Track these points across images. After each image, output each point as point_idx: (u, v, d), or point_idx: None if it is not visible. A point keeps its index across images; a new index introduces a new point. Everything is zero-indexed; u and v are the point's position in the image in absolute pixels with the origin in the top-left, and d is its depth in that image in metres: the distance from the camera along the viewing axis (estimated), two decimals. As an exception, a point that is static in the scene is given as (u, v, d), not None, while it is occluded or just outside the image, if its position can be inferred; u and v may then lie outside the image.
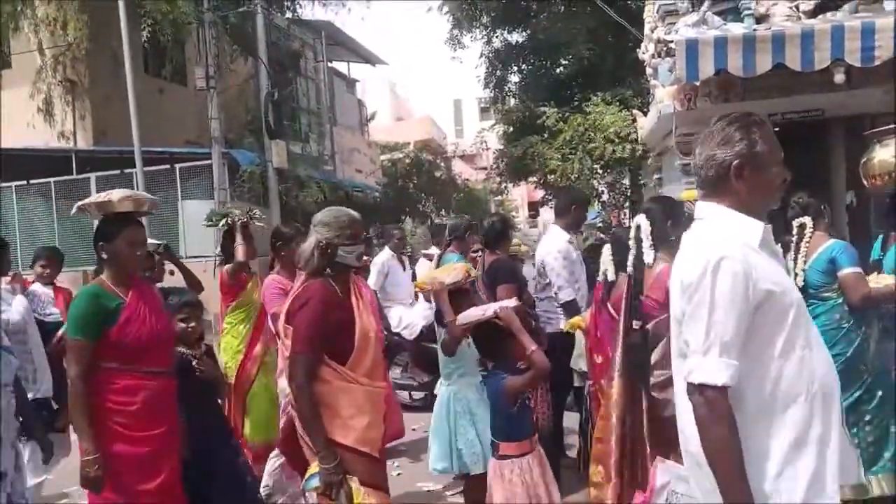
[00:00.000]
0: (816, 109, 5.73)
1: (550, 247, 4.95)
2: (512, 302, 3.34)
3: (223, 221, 4.79)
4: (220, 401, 3.72)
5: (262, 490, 4.13)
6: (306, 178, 13.22)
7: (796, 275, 4.09)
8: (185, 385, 3.18)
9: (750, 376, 1.76)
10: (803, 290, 3.97)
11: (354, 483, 2.75)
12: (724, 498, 1.72)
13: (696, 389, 1.76)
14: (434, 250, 6.99)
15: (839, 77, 5.10)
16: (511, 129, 15.64)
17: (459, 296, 3.76)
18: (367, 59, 21.25)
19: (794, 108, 5.72)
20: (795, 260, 4.13)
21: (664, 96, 6.55)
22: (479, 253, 5.19)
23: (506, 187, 17.84)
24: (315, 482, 2.76)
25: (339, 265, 2.96)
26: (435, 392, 4.04)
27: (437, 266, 5.12)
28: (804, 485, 1.76)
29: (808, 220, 4.11)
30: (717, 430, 1.72)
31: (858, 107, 5.76)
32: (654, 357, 3.17)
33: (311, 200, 12.47)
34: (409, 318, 6.79)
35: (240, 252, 4.59)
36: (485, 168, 21.03)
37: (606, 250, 3.88)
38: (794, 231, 4.14)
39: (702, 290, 1.77)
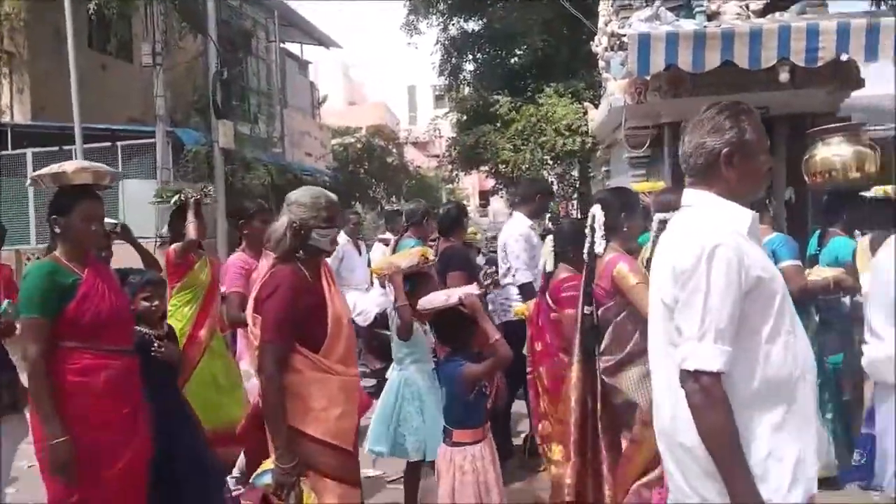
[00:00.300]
0: (762, 107, 5.82)
1: (513, 230, 5.18)
2: (474, 289, 3.31)
3: (176, 198, 4.65)
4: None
5: (234, 475, 4.06)
6: (253, 160, 12.93)
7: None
8: (146, 366, 3.09)
9: (739, 362, 1.77)
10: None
11: (306, 487, 2.66)
12: (726, 482, 1.73)
13: (690, 376, 1.76)
14: (390, 236, 6.97)
15: (784, 76, 5.21)
16: (464, 117, 15.65)
17: (420, 280, 3.73)
18: (321, 41, 20.91)
19: (740, 104, 5.81)
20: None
21: (615, 89, 6.62)
22: (437, 240, 5.21)
23: (456, 175, 17.85)
24: (267, 479, 2.67)
25: (312, 248, 2.84)
26: (387, 377, 4.02)
27: (394, 251, 5.14)
28: (791, 465, 1.79)
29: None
30: (713, 416, 1.73)
31: (801, 106, 5.92)
32: (603, 343, 3.29)
33: (257, 183, 12.23)
34: (364, 304, 6.73)
35: (191, 230, 4.46)
36: (437, 156, 20.97)
37: (548, 241, 3.96)
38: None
39: (697, 277, 1.77)
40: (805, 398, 1.84)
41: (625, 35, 5.79)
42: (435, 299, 3.23)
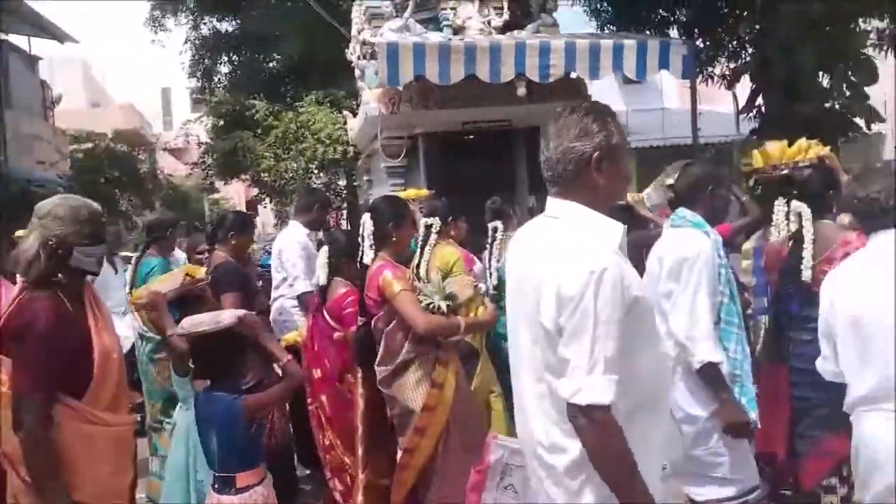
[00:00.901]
0: (505, 120, 6.18)
1: (290, 239, 4.99)
2: (241, 312, 2.92)
3: None
4: None
5: None
6: (-36, 168, 11.10)
7: (490, 274, 4.34)
8: None
9: (622, 382, 1.71)
10: (497, 287, 4.24)
11: None
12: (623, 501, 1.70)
13: (581, 410, 1.67)
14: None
15: (521, 90, 5.54)
16: (221, 122, 14.85)
17: (191, 304, 3.35)
18: (54, 34, 18.64)
19: (485, 117, 6.13)
20: (490, 259, 4.38)
21: (370, 98, 6.62)
22: (205, 254, 4.75)
23: (212, 184, 16.89)
24: None
25: (74, 271, 2.37)
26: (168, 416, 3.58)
27: (135, 271, 4.69)
28: (658, 471, 1.81)
29: (499, 223, 4.40)
30: (612, 447, 1.68)
31: (540, 119, 6.25)
32: (378, 355, 3.20)
33: (-32, 196, 10.47)
34: (121, 330, 5.95)
35: None
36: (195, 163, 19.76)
37: (323, 252, 3.77)
38: (489, 233, 4.40)
39: (584, 304, 1.68)
40: (667, 400, 1.88)
41: (375, 44, 5.80)
42: (201, 321, 2.78)
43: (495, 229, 4.45)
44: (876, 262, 2.30)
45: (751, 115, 8.54)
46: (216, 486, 2.71)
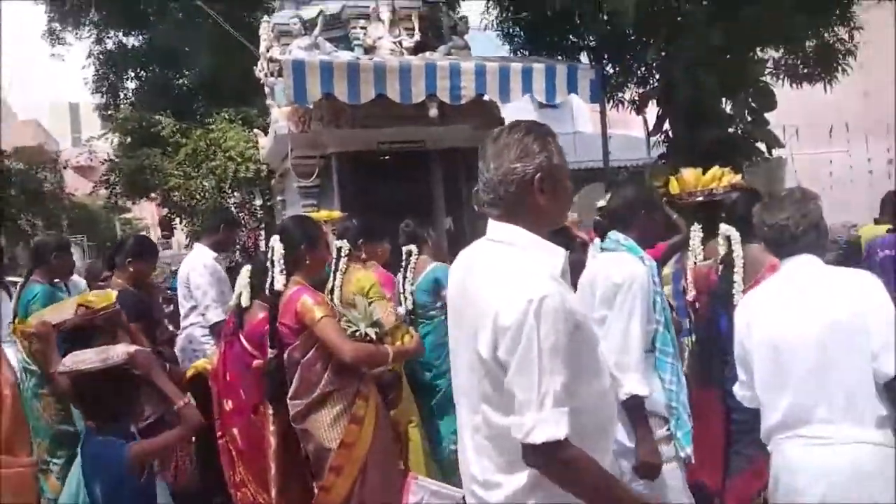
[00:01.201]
0: (419, 140, 6.13)
1: (196, 262, 4.63)
2: (133, 348, 2.69)
3: None
4: None
5: None
6: None
7: (405, 298, 4.25)
8: None
9: (573, 409, 1.64)
10: (412, 311, 4.15)
11: None
12: None
13: (537, 450, 1.58)
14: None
15: (433, 111, 5.52)
16: (128, 139, 14.22)
17: (88, 336, 3.08)
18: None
19: (398, 138, 6.05)
20: (404, 283, 4.29)
21: (279, 117, 6.47)
22: (106, 280, 4.42)
23: (116, 203, 16.09)
24: None
25: None
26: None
27: (18, 298, 4.37)
28: None
29: (413, 247, 4.33)
30: (586, 473, 1.63)
31: (453, 140, 6.29)
32: (291, 387, 3.03)
33: None
34: (14, 361, 5.52)
35: None
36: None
37: (245, 272, 3.54)
38: (404, 257, 4.35)
39: (526, 334, 1.59)
40: (613, 432, 1.87)
41: (282, 61, 5.67)
42: (86, 358, 2.55)
43: (409, 253, 4.38)
44: (791, 287, 2.30)
45: (659, 139, 8.77)
46: None
